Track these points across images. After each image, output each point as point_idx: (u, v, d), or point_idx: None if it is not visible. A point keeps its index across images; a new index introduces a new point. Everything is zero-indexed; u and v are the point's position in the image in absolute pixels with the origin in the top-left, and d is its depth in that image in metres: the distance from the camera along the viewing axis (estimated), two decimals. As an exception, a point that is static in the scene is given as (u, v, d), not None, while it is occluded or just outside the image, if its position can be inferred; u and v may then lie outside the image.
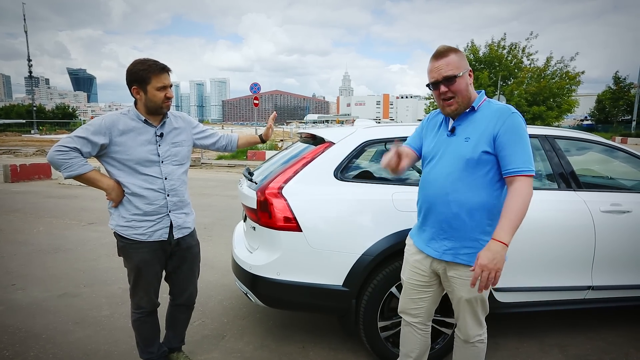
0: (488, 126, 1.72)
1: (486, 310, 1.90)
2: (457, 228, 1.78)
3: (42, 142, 29.90)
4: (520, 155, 1.67)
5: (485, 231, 1.76)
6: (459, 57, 1.75)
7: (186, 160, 2.27)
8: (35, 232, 5.79)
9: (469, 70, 1.78)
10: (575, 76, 22.77)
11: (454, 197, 1.77)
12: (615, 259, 2.72)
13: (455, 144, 1.81)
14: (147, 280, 2.18)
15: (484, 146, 1.71)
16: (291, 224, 2.38)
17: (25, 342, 2.81)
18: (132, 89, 2.06)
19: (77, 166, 1.97)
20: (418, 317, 2.05)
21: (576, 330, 3.02)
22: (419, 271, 1.96)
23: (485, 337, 1.95)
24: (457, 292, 1.85)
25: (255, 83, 18.49)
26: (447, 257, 1.82)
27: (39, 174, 11.60)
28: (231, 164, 16.40)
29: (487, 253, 1.60)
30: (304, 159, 2.59)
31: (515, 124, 1.70)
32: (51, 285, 3.82)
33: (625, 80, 43.99)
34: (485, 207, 1.75)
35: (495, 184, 1.75)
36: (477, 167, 1.74)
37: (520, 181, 1.66)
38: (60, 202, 8.16)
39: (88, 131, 1.99)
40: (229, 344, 2.83)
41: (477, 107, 1.78)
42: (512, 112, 1.72)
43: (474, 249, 1.76)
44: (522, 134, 1.70)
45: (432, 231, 1.88)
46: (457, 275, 1.82)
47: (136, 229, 2.10)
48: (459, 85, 1.74)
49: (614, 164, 3.18)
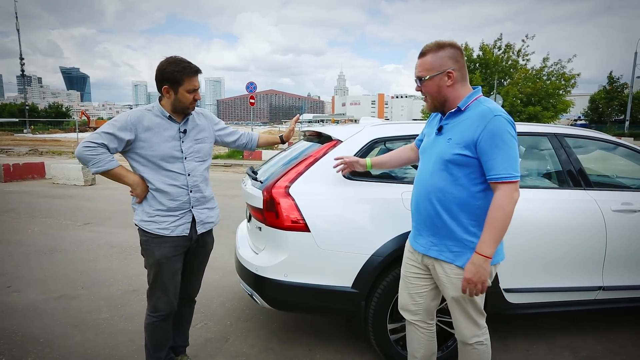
0: (470, 129, 1.69)
1: (479, 311, 1.87)
2: (440, 226, 1.80)
3: (34, 142, 29.59)
4: (501, 161, 1.62)
5: (469, 231, 1.75)
6: (435, 58, 1.73)
7: (208, 157, 2.28)
8: (30, 233, 5.68)
9: (447, 71, 1.72)
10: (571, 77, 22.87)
11: (435, 197, 1.79)
12: (626, 259, 2.68)
13: (439, 143, 1.80)
14: (167, 277, 2.14)
15: (461, 149, 1.69)
16: (299, 224, 2.32)
17: (22, 346, 2.72)
18: (162, 87, 2.05)
19: (104, 162, 1.98)
20: (417, 315, 2.04)
21: (585, 331, 2.98)
22: (414, 263, 1.99)
23: (486, 340, 1.90)
24: (444, 290, 1.86)
25: (251, 82, 18.37)
26: (433, 253, 1.84)
27: (33, 173, 11.43)
28: (227, 163, 16.29)
29: (471, 267, 1.66)
30: (310, 157, 2.53)
31: (496, 128, 1.63)
32: (48, 287, 3.72)
33: (620, 81, 44.38)
34: (468, 208, 1.74)
35: (477, 185, 1.72)
36: (457, 167, 1.73)
37: (501, 189, 1.64)
38: (55, 202, 8.03)
39: (115, 127, 2.00)
40: (233, 347, 2.76)
41: (463, 108, 1.75)
42: (494, 115, 1.64)
43: (457, 248, 1.77)
44: (505, 138, 1.63)
45: (419, 228, 1.92)
46: (444, 273, 1.82)
47: (159, 223, 2.10)
48: (427, 87, 1.78)
49: (622, 162, 3.14)
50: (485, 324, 1.90)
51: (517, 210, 2.45)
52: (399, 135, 2.62)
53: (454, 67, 1.73)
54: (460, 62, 1.76)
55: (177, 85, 2.02)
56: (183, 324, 2.46)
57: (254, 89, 18.14)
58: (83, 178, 10.21)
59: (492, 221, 1.64)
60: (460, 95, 1.76)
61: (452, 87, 1.75)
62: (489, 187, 1.71)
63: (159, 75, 2.04)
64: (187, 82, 2.02)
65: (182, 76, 2.01)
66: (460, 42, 32.52)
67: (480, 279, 1.65)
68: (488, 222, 1.65)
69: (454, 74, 1.73)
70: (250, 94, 18.08)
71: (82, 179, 10.21)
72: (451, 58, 1.74)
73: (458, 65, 1.75)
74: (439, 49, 1.74)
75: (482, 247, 1.65)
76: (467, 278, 1.67)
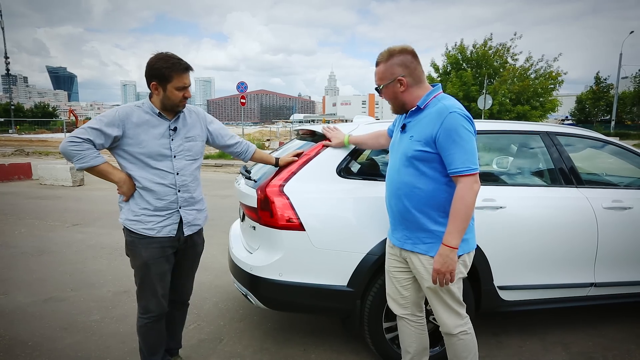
0: (428, 126, 1.77)
1: (457, 301, 1.93)
2: (410, 220, 1.88)
3: (20, 142, 29.05)
4: (459, 156, 1.70)
5: (438, 222, 1.82)
6: (386, 67, 1.83)
7: (199, 156, 2.21)
8: (17, 234, 5.57)
9: (397, 78, 1.81)
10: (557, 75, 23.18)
11: (403, 192, 1.87)
12: (617, 255, 2.72)
13: (403, 140, 1.89)
14: (155, 279, 2.09)
15: (422, 146, 1.77)
16: (293, 223, 2.30)
17: (10, 349, 2.66)
18: (151, 84, 2.00)
19: (89, 158, 1.93)
20: (406, 308, 2.09)
21: (577, 327, 3.01)
22: (394, 258, 2.05)
23: (469, 329, 1.97)
24: (421, 282, 1.93)
25: (242, 82, 18.26)
26: (408, 246, 1.91)
27: (19, 174, 11.22)
28: (218, 163, 16.17)
29: (439, 258, 1.75)
30: (304, 156, 2.51)
31: (451, 124, 1.71)
32: (36, 290, 3.65)
33: (606, 81, 45.14)
34: (434, 202, 1.81)
35: (442, 177, 1.79)
36: (420, 163, 1.80)
37: (461, 182, 1.72)
38: (42, 203, 7.88)
39: (102, 122, 1.94)
40: (227, 347, 2.73)
41: (423, 106, 1.83)
42: (449, 112, 1.72)
43: (430, 239, 1.84)
44: (461, 133, 1.70)
45: (394, 222, 2.00)
46: (419, 265, 1.89)
47: (145, 223, 2.04)
48: (384, 94, 1.90)
49: (610, 160, 3.18)
50: (466, 314, 1.97)
51: (511, 208, 2.50)
52: (393, 134, 2.61)
53: (403, 74, 1.81)
54: (410, 66, 1.82)
55: (165, 82, 1.96)
56: (176, 326, 2.42)
57: (245, 89, 18.03)
58: (71, 179, 10.04)
59: (454, 213, 1.72)
60: (416, 96, 1.84)
61: (406, 92, 1.84)
62: (452, 180, 1.78)
63: (148, 72, 1.99)
64: (176, 79, 1.96)
65: (171, 73, 1.95)
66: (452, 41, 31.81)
67: (448, 268, 1.73)
68: (451, 214, 1.73)
69: (405, 79, 1.82)
70: (241, 93, 17.97)
71: (70, 179, 10.04)
72: (400, 65, 1.81)
73: (408, 70, 1.81)
74: (390, 58, 1.82)
75: (448, 238, 1.73)
76: (436, 269, 1.76)
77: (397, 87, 1.83)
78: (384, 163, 2.68)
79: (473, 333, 1.98)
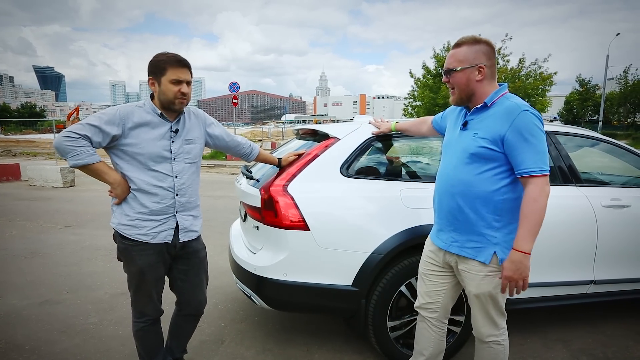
0: (496, 125, 1.69)
1: (500, 310, 1.85)
2: (462, 221, 1.79)
3: (7, 143, 28.55)
4: (531, 156, 1.62)
5: (492, 226, 1.74)
6: (470, 51, 1.73)
7: (198, 159, 2.14)
8: (8, 236, 5.46)
9: (478, 66, 1.72)
10: (548, 77, 23.52)
11: (458, 190, 1.78)
12: (616, 253, 2.75)
13: (465, 137, 1.80)
14: (151, 284, 2.03)
15: (488, 143, 1.69)
16: (298, 222, 2.28)
17: (6, 354, 2.60)
18: (148, 79, 1.95)
19: (85, 155, 1.83)
20: (435, 313, 2.02)
21: (576, 324, 3.05)
22: (433, 262, 1.98)
23: (504, 340, 1.89)
24: (466, 286, 1.86)
25: (234, 82, 18.18)
26: (454, 249, 1.84)
27: (7, 175, 11.01)
28: (211, 164, 16.07)
29: (510, 264, 1.64)
30: (307, 155, 2.50)
31: (524, 123, 1.63)
32: (30, 292, 3.58)
33: (590, 82, 45.82)
34: (491, 203, 1.73)
35: (502, 180, 1.71)
36: (482, 162, 1.72)
37: (533, 183, 1.63)
38: (33, 205, 7.74)
39: (101, 120, 1.86)
40: (229, 349, 2.71)
41: (490, 104, 1.75)
42: (521, 110, 1.65)
43: (480, 243, 1.76)
44: (533, 132, 1.63)
45: (441, 223, 1.91)
46: (466, 269, 1.82)
47: (139, 228, 1.95)
48: (455, 78, 1.77)
49: (609, 159, 3.23)
50: (505, 324, 1.88)
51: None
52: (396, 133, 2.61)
53: (486, 63, 1.73)
54: (492, 60, 1.76)
55: (160, 75, 1.90)
56: (183, 337, 2.35)
57: (237, 89, 17.95)
58: (62, 179, 9.87)
59: (527, 215, 1.62)
60: (487, 91, 1.76)
61: (480, 82, 1.75)
62: (513, 182, 1.71)
63: (148, 68, 1.95)
64: (170, 72, 1.89)
65: (165, 65, 1.89)
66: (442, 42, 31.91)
67: (521, 275, 1.63)
68: (523, 217, 1.63)
69: (485, 69, 1.74)
70: (233, 94, 17.89)
71: (61, 180, 9.86)
72: (485, 54, 1.74)
73: (490, 62, 1.75)
74: (475, 43, 1.74)
75: (520, 243, 1.62)
76: (508, 276, 1.64)
77: (475, 74, 1.73)
78: (385, 163, 2.69)
79: (506, 345, 1.89)
